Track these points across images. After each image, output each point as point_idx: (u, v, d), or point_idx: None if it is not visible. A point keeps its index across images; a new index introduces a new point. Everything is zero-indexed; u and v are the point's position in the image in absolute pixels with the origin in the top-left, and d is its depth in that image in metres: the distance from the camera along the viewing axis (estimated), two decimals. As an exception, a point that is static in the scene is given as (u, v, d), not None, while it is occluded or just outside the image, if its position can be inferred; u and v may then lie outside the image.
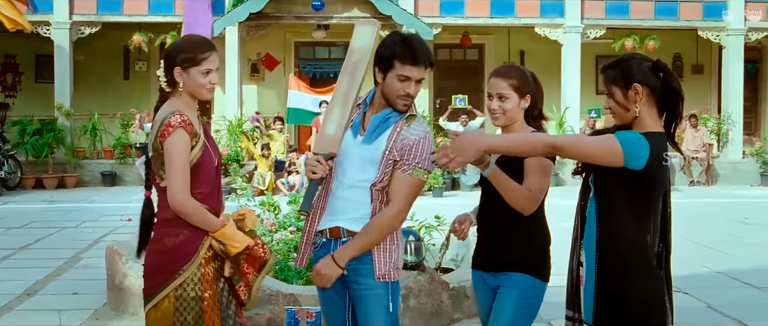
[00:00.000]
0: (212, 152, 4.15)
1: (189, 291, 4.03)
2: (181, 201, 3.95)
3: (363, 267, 4.08)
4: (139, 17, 21.33)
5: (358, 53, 4.25)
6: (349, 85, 4.17)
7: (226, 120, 20.68)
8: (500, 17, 22.06)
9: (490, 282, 4.41)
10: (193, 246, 4.05)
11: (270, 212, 7.95)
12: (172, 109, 4.03)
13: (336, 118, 4.10)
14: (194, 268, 4.03)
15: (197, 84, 4.09)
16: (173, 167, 3.95)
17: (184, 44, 4.17)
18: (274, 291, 6.40)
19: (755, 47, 24.52)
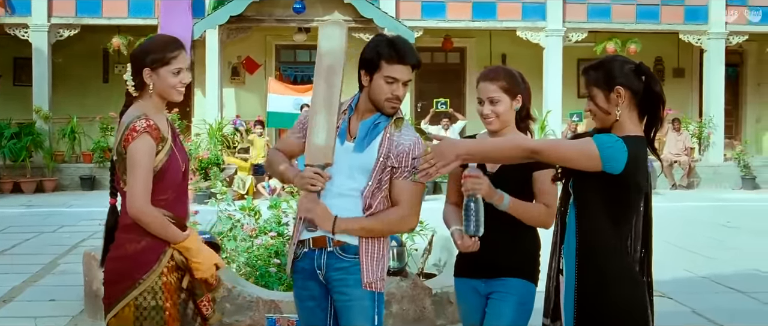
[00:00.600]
0: (179, 157, 4.00)
1: (149, 301, 3.87)
2: (140, 209, 3.81)
3: (350, 277, 3.98)
4: (118, 20, 21.20)
5: (330, 57, 4.12)
6: (329, 91, 4.04)
7: (207, 123, 20.57)
8: (482, 20, 22.06)
9: (481, 290, 4.34)
10: (155, 254, 3.90)
11: (250, 216, 7.85)
12: (138, 112, 3.90)
13: (323, 125, 3.98)
14: (155, 277, 3.88)
15: (168, 85, 3.96)
16: (134, 173, 3.81)
17: (151, 44, 4.03)
18: (255, 297, 6.31)
19: (736, 51, 24.58)
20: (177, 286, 3.99)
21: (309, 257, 4.05)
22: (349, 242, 4.01)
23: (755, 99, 25.98)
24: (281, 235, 7.27)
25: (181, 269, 4.00)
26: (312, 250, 4.04)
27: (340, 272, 3.99)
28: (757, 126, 25.86)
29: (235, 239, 7.45)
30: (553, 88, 21.88)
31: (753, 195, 20.34)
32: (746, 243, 12.05)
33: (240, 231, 7.56)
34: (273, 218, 7.75)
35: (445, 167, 3.67)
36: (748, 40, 23.24)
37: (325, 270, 4.03)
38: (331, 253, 4.01)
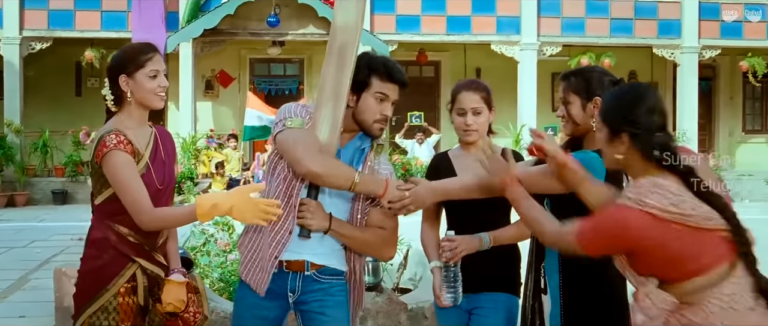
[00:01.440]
0: (155, 176, 3.86)
1: (102, 321, 3.77)
2: (150, 220, 3.71)
3: (330, 298, 3.88)
4: (91, 33, 21.05)
5: (343, 34, 3.84)
6: (338, 78, 3.80)
7: (180, 137, 20.45)
8: (456, 34, 22.08)
9: (463, 305, 4.31)
10: (112, 272, 3.79)
11: (224, 231, 7.80)
12: (112, 126, 3.80)
13: (327, 119, 3.78)
14: (109, 296, 3.78)
15: (146, 89, 3.84)
16: (123, 191, 3.71)
17: (124, 52, 3.93)
18: (228, 312, 6.23)
19: (709, 65, 24.76)
20: (136, 310, 3.86)
21: (280, 278, 3.88)
22: (328, 266, 3.90)
23: (728, 113, 26.14)
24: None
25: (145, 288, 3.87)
26: (284, 272, 3.88)
27: (318, 294, 3.87)
28: (730, 139, 26.01)
29: (209, 254, 7.40)
30: (527, 101, 21.92)
31: (726, 208, 20.40)
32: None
33: (213, 246, 7.51)
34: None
35: (421, 207, 3.71)
36: (721, 54, 23.40)
37: (299, 293, 3.89)
38: (308, 277, 3.88)
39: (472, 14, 22.03)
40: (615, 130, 3.17)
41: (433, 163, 4.64)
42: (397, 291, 7.04)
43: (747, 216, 3.29)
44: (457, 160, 4.50)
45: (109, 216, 3.82)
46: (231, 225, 7.87)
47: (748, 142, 26.15)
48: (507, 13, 22.04)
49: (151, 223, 3.74)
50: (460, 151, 4.52)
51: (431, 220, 4.55)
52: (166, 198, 3.99)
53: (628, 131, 3.12)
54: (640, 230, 2.97)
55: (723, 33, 22.77)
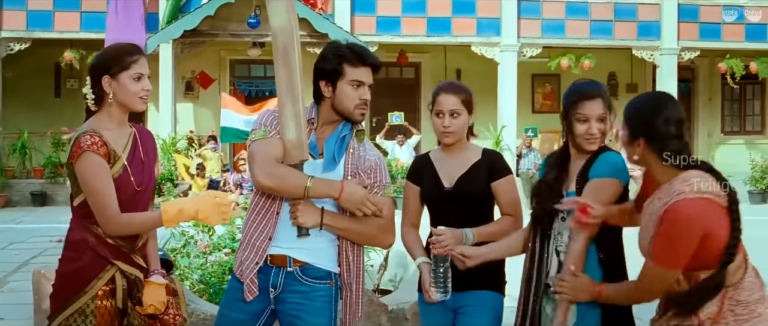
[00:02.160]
0: (133, 176, 3.84)
1: (79, 324, 3.74)
2: (114, 226, 3.70)
3: (309, 304, 3.86)
4: (70, 34, 20.94)
5: (282, 35, 3.93)
6: (288, 76, 3.85)
7: (160, 139, 20.38)
8: (437, 35, 22.10)
9: (449, 304, 4.33)
10: (90, 274, 3.76)
11: (204, 233, 7.77)
12: (88, 127, 3.77)
13: (291, 118, 3.80)
14: (87, 299, 3.74)
15: (129, 92, 3.81)
16: (91, 194, 3.70)
17: (109, 51, 3.89)
18: (209, 314, 6.22)
19: (688, 66, 24.86)
20: (114, 313, 3.83)
21: (264, 273, 3.89)
22: (311, 263, 3.88)
23: (707, 114, 26.27)
24: (235, 252, 7.18)
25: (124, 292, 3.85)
26: (268, 266, 3.89)
27: (297, 295, 3.86)
28: (709, 140, 26.13)
29: (189, 256, 7.37)
30: (507, 103, 21.97)
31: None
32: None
33: (193, 248, 7.48)
34: (227, 234, 7.68)
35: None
36: (700, 56, 23.49)
37: (279, 289, 3.89)
38: (290, 273, 3.87)
39: (453, 16, 22.06)
40: (634, 135, 3.48)
41: (414, 165, 4.64)
42: (377, 293, 7.04)
43: None
44: (439, 162, 4.51)
45: (88, 218, 3.79)
46: (211, 227, 7.84)
47: (727, 143, 26.28)
48: (487, 15, 22.07)
49: (116, 229, 3.73)
50: (440, 153, 4.54)
51: (412, 221, 4.56)
52: (146, 199, 3.97)
53: (644, 137, 3.44)
54: (706, 214, 3.29)
55: (702, 35, 22.90)
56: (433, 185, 4.41)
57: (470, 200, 4.33)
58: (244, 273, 3.92)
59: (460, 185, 4.33)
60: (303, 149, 3.78)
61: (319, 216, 3.79)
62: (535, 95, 25.35)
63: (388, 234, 3.98)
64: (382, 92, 23.42)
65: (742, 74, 23.12)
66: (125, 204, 3.80)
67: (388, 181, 4.00)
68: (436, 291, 4.22)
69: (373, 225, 3.90)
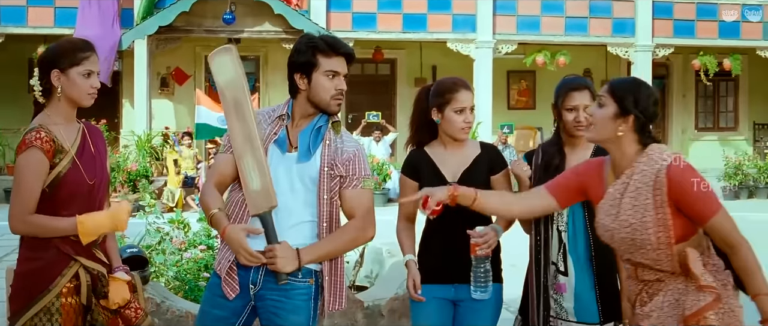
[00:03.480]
0: (84, 170, 3.82)
1: (44, 323, 3.71)
2: (15, 227, 3.69)
3: (288, 301, 3.84)
4: (44, 29, 20.77)
5: (231, 90, 3.95)
6: (244, 128, 3.88)
7: (135, 135, 20.30)
8: (412, 32, 22.12)
9: (450, 295, 4.41)
10: (54, 272, 3.74)
11: (180, 229, 7.73)
12: (37, 123, 3.76)
13: (253, 167, 3.81)
14: (52, 297, 3.72)
15: (78, 88, 3.80)
16: (16, 189, 3.69)
17: (62, 46, 3.87)
18: (184, 311, 6.20)
19: (662, 63, 25.01)
20: (79, 310, 3.81)
21: (244, 269, 3.87)
22: None
23: (681, 110, 26.41)
24: (211, 249, 7.15)
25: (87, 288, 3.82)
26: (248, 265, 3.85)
27: (277, 293, 3.84)
28: (683, 137, 26.28)
29: (164, 253, 7.33)
30: (483, 99, 21.96)
31: (679, 205, 20.60)
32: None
33: (169, 245, 7.43)
34: (203, 231, 7.64)
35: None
36: (674, 53, 23.66)
37: (259, 286, 3.87)
38: (269, 270, 3.83)
39: (428, 12, 22.08)
40: (625, 110, 3.56)
41: (410, 160, 4.67)
42: (353, 289, 7.02)
43: None
44: (438, 156, 4.57)
45: (50, 214, 3.76)
46: (187, 223, 7.81)
47: (701, 139, 26.44)
48: (463, 12, 22.11)
49: (23, 228, 3.71)
50: (438, 148, 4.58)
51: (407, 215, 4.61)
52: (102, 195, 3.95)
53: (635, 115, 3.55)
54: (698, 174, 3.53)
55: (676, 32, 23.04)
56: (434, 179, 4.42)
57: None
58: (221, 269, 3.92)
59: (464, 179, 4.38)
60: (269, 196, 3.78)
61: (297, 259, 3.77)
62: (510, 91, 25.40)
63: (367, 229, 3.95)
64: (358, 88, 23.46)
65: (716, 71, 23.31)
66: (81, 200, 3.80)
67: (367, 173, 3.97)
68: (477, 290, 4.28)
69: (351, 229, 3.92)
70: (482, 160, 4.51)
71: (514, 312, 4.72)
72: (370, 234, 4.01)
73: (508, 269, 4.68)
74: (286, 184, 3.87)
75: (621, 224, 3.55)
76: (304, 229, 3.88)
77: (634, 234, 3.51)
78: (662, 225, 3.46)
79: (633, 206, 3.52)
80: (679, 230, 3.47)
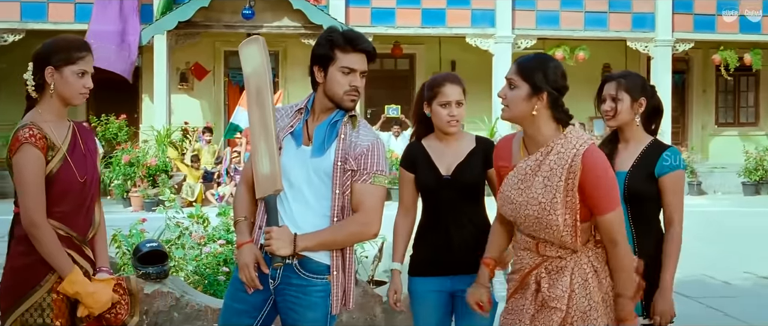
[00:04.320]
0: (75, 168, 3.83)
1: (36, 318, 3.73)
2: (32, 220, 3.67)
3: (305, 298, 3.87)
4: (65, 25, 20.77)
5: (255, 78, 4.01)
6: (261, 114, 3.94)
7: (155, 130, 20.37)
8: (431, 27, 22.10)
9: (446, 287, 4.47)
10: (46, 268, 3.74)
11: (199, 224, 7.76)
12: (28, 120, 3.77)
13: (264, 153, 3.87)
14: (43, 293, 3.74)
15: (70, 86, 3.81)
16: (21, 187, 3.69)
17: (58, 43, 3.88)
18: (203, 306, 6.23)
19: (682, 58, 24.90)
20: (67, 305, 3.83)
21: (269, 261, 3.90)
22: (310, 257, 3.88)
23: (701, 106, 26.28)
24: (230, 243, 7.18)
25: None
26: (268, 258, 3.89)
27: (294, 289, 3.87)
28: (703, 132, 26.16)
29: (184, 247, 7.36)
30: (502, 94, 21.93)
31: (700, 201, 20.56)
32: (695, 249, 12.11)
33: (188, 239, 7.47)
34: (222, 226, 7.68)
35: None
36: (694, 48, 23.52)
37: (278, 281, 3.90)
38: (289, 266, 3.87)
39: (447, 7, 22.05)
40: (537, 88, 3.57)
41: (408, 152, 4.71)
42: (371, 284, 7.04)
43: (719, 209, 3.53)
44: (434, 150, 4.59)
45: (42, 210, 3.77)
46: (206, 218, 7.84)
47: (721, 134, 26.31)
48: (482, 6, 22.08)
49: (31, 230, 3.70)
50: (434, 141, 4.60)
51: (407, 208, 4.63)
52: (93, 193, 3.96)
53: (548, 91, 3.56)
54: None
55: (696, 26, 22.92)
56: (429, 173, 4.49)
57: (467, 188, 4.45)
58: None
59: (457, 173, 4.45)
60: (275, 181, 3.83)
61: (292, 244, 3.79)
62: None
63: (370, 226, 3.91)
64: (377, 83, 23.46)
65: (737, 66, 23.18)
66: (73, 197, 3.83)
67: (381, 169, 3.93)
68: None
69: (352, 224, 3.89)
70: (477, 154, 4.52)
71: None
72: (373, 231, 3.96)
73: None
74: (303, 177, 3.89)
75: (529, 200, 3.56)
76: (320, 222, 3.89)
77: (542, 213, 3.52)
78: (570, 209, 3.50)
79: (545, 185, 3.53)
80: (584, 213, 3.54)
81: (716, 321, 8.00)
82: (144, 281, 6.07)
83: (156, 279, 6.10)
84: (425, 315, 4.54)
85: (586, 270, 3.57)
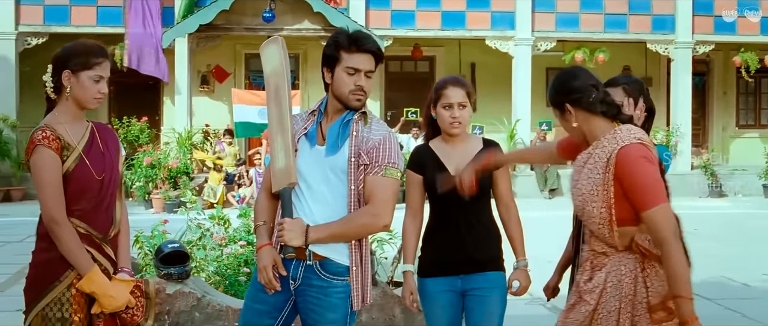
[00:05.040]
0: (92, 166, 3.92)
1: (55, 312, 3.83)
2: (52, 217, 3.77)
3: (325, 299, 3.92)
4: (87, 28, 20.96)
5: (274, 78, 4.08)
6: (279, 111, 4.00)
7: (176, 132, 20.47)
8: (451, 29, 22.12)
9: (457, 287, 4.54)
10: (66, 264, 3.83)
11: (220, 225, 7.83)
12: (43, 123, 3.87)
13: (281, 148, 3.94)
14: (62, 288, 3.83)
15: (86, 91, 3.90)
16: (40, 188, 3.79)
17: (76, 47, 3.97)
18: (224, 306, 6.29)
19: (703, 60, 24.81)
20: (86, 301, 3.91)
21: (285, 265, 3.95)
22: (330, 258, 3.92)
23: (721, 107, 26.21)
24: (251, 244, 7.24)
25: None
26: (288, 259, 3.94)
27: (315, 290, 3.91)
28: (724, 134, 26.09)
29: (205, 248, 7.43)
30: (522, 96, 21.96)
31: (720, 203, 20.51)
32: (713, 251, 12.13)
33: (209, 240, 7.53)
34: (243, 227, 7.74)
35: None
36: (715, 50, 23.44)
37: (299, 282, 3.95)
38: (309, 267, 3.92)
39: (467, 9, 22.06)
40: (558, 105, 3.74)
41: (415, 154, 4.77)
42: (391, 285, 7.08)
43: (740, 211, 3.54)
44: (441, 151, 4.66)
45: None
46: (227, 219, 7.91)
47: (742, 136, 26.22)
48: (501, 9, 22.08)
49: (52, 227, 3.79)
50: (441, 143, 4.67)
51: (415, 210, 4.68)
52: (112, 191, 4.03)
53: (567, 100, 3.70)
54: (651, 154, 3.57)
55: (717, 28, 22.81)
56: (438, 173, 4.55)
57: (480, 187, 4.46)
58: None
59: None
60: (290, 175, 3.86)
61: (304, 235, 3.83)
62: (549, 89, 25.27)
63: (381, 218, 3.93)
64: (397, 86, 23.52)
65: (757, 68, 23.05)
66: (91, 195, 3.91)
67: (393, 161, 3.95)
68: None
69: (362, 216, 3.92)
70: (484, 156, 4.54)
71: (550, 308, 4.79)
72: (384, 222, 3.97)
73: (545, 265, 4.77)
74: (320, 176, 3.94)
75: (578, 191, 3.67)
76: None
77: (584, 203, 3.63)
78: (605, 203, 3.55)
79: (588, 177, 3.62)
80: (624, 213, 3.54)
81: (734, 322, 8.00)
82: (166, 281, 6.14)
83: (178, 279, 6.17)
84: (437, 316, 4.60)
85: (623, 272, 3.59)
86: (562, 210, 4.37)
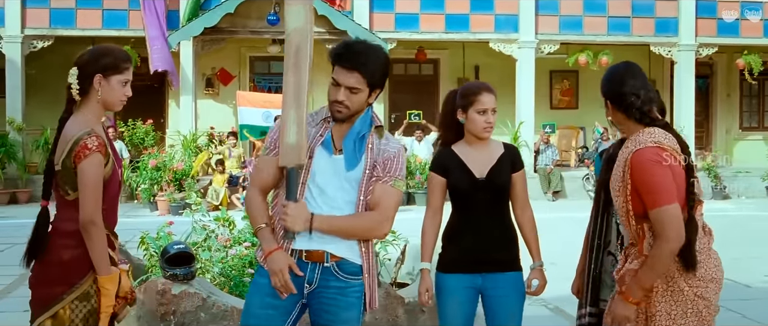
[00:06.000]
0: (118, 170, 4.10)
1: (85, 304, 3.98)
2: (93, 219, 3.89)
3: (342, 299, 3.96)
4: (92, 31, 21.07)
5: (296, 36, 4.00)
6: (297, 81, 3.95)
7: (181, 135, 20.52)
8: (455, 32, 22.15)
9: (477, 284, 4.67)
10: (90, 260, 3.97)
11: (225, 227, 7.87)
12: (86, 128, 3.96)
13: (293, 122, 3.89)
14: (91, 281, 3.98)
15: (115, 94, 4.04)
16: (87, 190, 3.90)
17: (105, 51, 4.09)
18: (229, 307, 6.32)
19: (706, 63, 24.82)
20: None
21: (300, 267, 3.93)
22: (346, 258, 3.96)
23: (725, 110, 26.23)
24: (255, 245, 7.28)
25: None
26: (303, 262, 3.94)
27: (333, 291, 3.94)
28: (727, 137, 26.10)
29: (210, 249, 7.47)
30: (525, 99, 21.98)
31: (724, 205, 20.50)
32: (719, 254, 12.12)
33: (214, 242, 7.57)
34: (247, 228, 7.76)
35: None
36: (718, 52, 23.46)
37: (316, 285, 3.95)
38: (327, 269, 3.94)
39: (471, 12, 22.10)
40: (604, 97, 4.12)
41: (439, 157, 4.86)
42: (394, 286, 7.12)
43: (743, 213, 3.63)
44: (465, 155, 4.76)
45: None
46: (232, 221, 7.95)
47: (745, 139, 26.24)
48: (505, 12, 22.11)
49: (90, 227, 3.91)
50: (465, 147, 4.77)
51: (435, 211, 4.78)
52: (120, 189, 4.23)
53: (608, 99, 4.10)
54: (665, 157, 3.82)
55: (720, 31, 22.84)
56: (463, 176, 4.68)
57: (500, 189, 4.68)
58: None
59: (491, 176, 4.67)
60: (301, 153, 3.87)
61: (309, 222, 3.84)
62: (552, 91, 25.36)
63: (383, 225, 4.00)
64: (401, 88, 23.53)
65: (761, 70, 23.09)
66: (114, 196, 4.11)
67: (402, 175, 4.04)
68: None
69: (366, 219, 3.97)
70: (506, 159, 4.74)
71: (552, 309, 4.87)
72: (385, 230, 4.05)
73: (548, 267, 4.86)
74: (337, 183, 3.97)
75: (610, 186, 4.04)
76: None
77: (614, 197, 4.00)
78: (624, 198, 3.88)
79: (615, 174, 3.97)
80: (641, 208, 3.84)
81: (734, 323, 8.03)
82: (172, 282, 6.19)
83: (183, 280, 6.22)
84: (454, 310, 4.69)
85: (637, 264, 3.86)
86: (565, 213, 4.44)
